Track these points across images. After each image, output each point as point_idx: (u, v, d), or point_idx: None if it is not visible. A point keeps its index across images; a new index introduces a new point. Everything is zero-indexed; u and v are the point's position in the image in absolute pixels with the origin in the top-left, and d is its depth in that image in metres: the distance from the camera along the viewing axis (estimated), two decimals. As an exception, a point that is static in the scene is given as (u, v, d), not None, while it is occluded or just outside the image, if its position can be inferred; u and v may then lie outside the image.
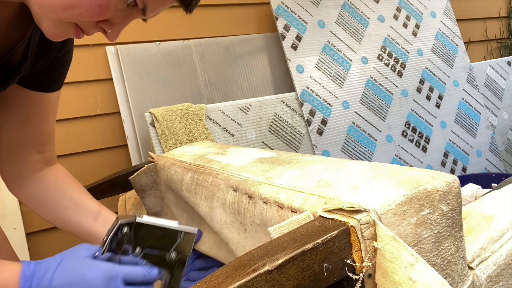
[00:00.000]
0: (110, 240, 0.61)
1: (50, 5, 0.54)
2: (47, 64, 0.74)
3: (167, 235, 0.63)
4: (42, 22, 0.57)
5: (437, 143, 2.09)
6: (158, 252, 0.63)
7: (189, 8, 0.61)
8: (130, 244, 0.62)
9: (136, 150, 1.62)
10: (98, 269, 0.57)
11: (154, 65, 1.68)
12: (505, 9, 2.74)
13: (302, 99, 1.80)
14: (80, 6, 0.53)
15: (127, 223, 0.61)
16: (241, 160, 0.82)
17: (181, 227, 0.63)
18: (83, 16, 0.55)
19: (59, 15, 0.55)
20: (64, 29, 0.57)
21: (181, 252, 0.63)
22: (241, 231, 0.68)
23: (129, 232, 0.61)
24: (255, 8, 1.95)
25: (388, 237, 0.45)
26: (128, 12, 0.58)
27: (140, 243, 0.62)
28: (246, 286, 0.40)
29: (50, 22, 0.56)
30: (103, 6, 0.54)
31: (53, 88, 0.79)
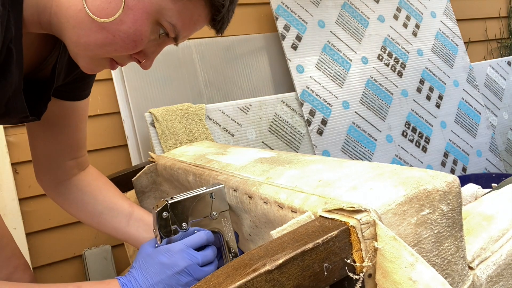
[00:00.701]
0: (159, 230, 0.67)
1: (86, 44, 0.55)
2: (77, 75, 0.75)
3: (201, 201, 0.69)
4: (79, 59, 0.58)
5: (437, 143, 2.09)
6: (202, 218, 0.70)
7: (221, 31, 0.63)
8: (175, 224, 0.68)
9: (136, 150, 1.62)
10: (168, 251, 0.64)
11: (154, 65, 1.68)
12: (505, 9, 2.74)
13: (302, 99, 1.80)
14: (115, 43, 0.55)
15: (162, 209, 0.67)
16: (241, 160, 0.82)
17: (208, 189, 0.70)
18: (118, 51, 0.56)
19: (94, 53, 0.56)
20: (100, 63, 0.59)
21: (219, 208, 0.71)
22: (254, 227, 0.69)
23: (168, 214, 0.67)
24: (255, 8, 1.95)
25: (388, 237, 0.45)
26: (160, 41, 0.60)
27: (183, 219, 0.68)
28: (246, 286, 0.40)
29: (86, 59, 0.58)
30: (137, 41, 0.55)
31: (82, 96, 0.80)
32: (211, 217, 0.70)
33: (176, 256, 0.64)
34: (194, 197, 0.69)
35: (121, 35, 0.54)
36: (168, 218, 0.67)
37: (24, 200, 1.49)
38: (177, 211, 0.68)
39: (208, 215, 0.70)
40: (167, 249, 0.65)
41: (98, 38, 0.54)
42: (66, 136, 0.82)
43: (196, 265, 0.64)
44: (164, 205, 0.67)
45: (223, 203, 0.71)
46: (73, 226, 1.56)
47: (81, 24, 0.54)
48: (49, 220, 1.52)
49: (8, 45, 0.52)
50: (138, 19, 0.54)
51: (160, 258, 0.64)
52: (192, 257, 0.64)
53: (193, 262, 0.64)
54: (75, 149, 0.85)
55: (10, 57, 0.53)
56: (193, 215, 0.69)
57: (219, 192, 0.71)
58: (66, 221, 1.54)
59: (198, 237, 0.67)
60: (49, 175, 0.86)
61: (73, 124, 0.82)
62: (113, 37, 0.54)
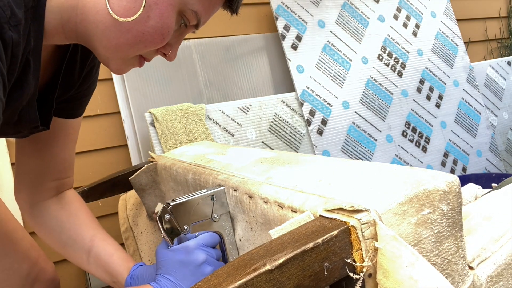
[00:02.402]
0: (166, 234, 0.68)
1: (117, 46, 0.56)
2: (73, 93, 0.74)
3: (202, 203, 0.70)
4: (110, 62, 0.60)
5: (437, 143, 2.09)
6: (203, 220, 0.70)
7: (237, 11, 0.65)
8: (177, 226, 0.69)
9: (136, 150, 1.62)
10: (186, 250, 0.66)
11: (154, 65, 1.68)
12: (505, 9, 2.74)
13: (302, 99, 1.80)
14: (144, 39, 0.56)
15: (163, 212, 0.68)
16: (241, 160, 0.82)
17: (210, 191, 0.71)
18: (148, 47, 0.58)
19: (125, 53, 0.58)
20: (130, 62, 0.61)
21: (220, 210, 0.71)
22: (248, 229, 0.69)
23: (170, 216, 0.68)
24: (255, 8, 1.95)
25: (389, 237, 0.45)
26: (181, 30, 0.61)
27: (185, 221, 0.69)
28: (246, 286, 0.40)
29: (118, 61, 0.59)
30: (165, 34, 0.57)
31: (76, 114, 0.79)
32: (213, 219, 0.71)
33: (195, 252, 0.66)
34: (196, 199, 0.70)
35: (150, 30, 0.56)
36: (172, 219, 0.68)
37: (24, 200, 1.49)
38: (178, 213, 0.68)
39: (209, 217, 0.71)
40: (183, 247, 0.67)
41: (129, 38, 0.56)
42: (52, 154, 0.80)
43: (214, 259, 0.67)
44: (165, 208, 0.68)
45: (224, 205, 0.72)
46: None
47: (110, 28, 0.55)
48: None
49: (27, 57, 0.53)
50: (164, 12, 0.55)
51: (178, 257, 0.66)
52: (209, 252, 0.67)
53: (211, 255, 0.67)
54: (60, 170, 0.83)
55: (28, 68, 0.54)
56: (194, 217, 0.69)
57: (220, 194, 0.71)
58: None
59: (210, 236, 0.69)
60: (27, 194, 0.83)
61: (61, 143, 0.80)
62: (142, 35, 0.56)
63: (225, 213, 0.72)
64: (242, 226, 0.70)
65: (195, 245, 0.67)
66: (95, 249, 0.82)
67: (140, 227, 1.14)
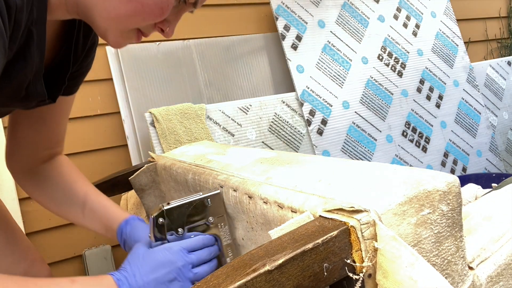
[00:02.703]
0: (154, 236, 0.68)
1: (116, 17, 0.57)
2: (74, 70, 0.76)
3: (197, 206, 0.70)
4: (109, 34, 0.60)
5: (437, 143, 2.09)
6: (198, 223, 0.70)
7: None
8: (171, 230, 0.68)
9: (136, 150, 1.62)
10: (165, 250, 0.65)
11: (154, 65, 1.68)
12: (505, 9, 2.74)
13: (302, 99, 1.80)
14: (143, 11, 0.57)
15: (158, 215, 0.67)
16: (241, 160, 0.82)
17: (205, 194, 0.70)
18: (147, 20, 0.59)
19: (124, 25, 0.59)
20: (128, 36, 0.62)
21: (216, 213, 0.71)
22: (249, 229, 0.69)
23: (164, 221, 0.67)
24: (255, 8, 1.95)
25: (388, 237, 0.45)
26: (180, 7, 0.62)
27: (179, 224, 0.68)
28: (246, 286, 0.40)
29: (116, 32, 0.60)
30: (164, 8, 0.58)
31: (72, 91, 0.81)
32: (208, 223, 0.71)
33: (173, 256, 0.65)
34: (190, 203, 0.69)
35: (150, 3, 0.57)
36: (164, 225, 0.68)
37: (24, 200, 1.49)
38: (173, 217, 0.68)
39: (204, 220, 0.70)
40: (164, 248, 0.66)
41: (128, 8, 0.57)
42: (47, 127, 0.83)
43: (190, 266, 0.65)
44: (161, 211, 0.68)
45: (220, 208, 0.71)
46: (73, 226, 1.56)
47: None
48: (49, 220, 1.52)
49: (30, 28, 0.53)
50: None
51: (157, 256, 0.65)
52: (187, 257, 0.65)
53: (187, 262, 0.65)
54: (53, 142, 0.85)
55: (31, 39, 0.55)
56: (189, 221, 0.69)
57: (215, 197, 0.71)
58: (66, 221, 1.54)
59: (196, 241, 0.68)
60: (20, 161, 0.86)
61: (57, 118, 0.83)
62: (142, 6, 0.57)
63: (221, 216, 0.72)
64: (243, 226, 0.70)
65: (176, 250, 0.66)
66: (90, 203, 0.84)
67: (140, 227, 1.14)
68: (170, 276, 0.63)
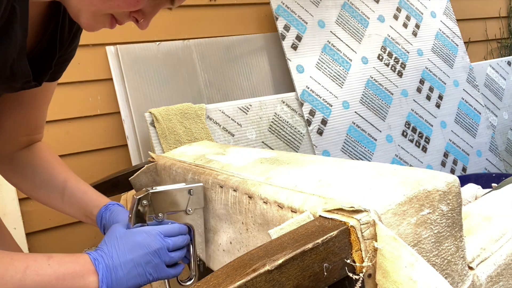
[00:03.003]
0: (134, 216, 0.71)
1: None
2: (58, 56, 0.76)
3: (180, 195, 0.74)
4: (81, 15, 0.60)
5: (437, 143, 2.09)
6: (178, 212, 0.75)
7: None
8: (152, 213, 0.72)
9: (136, 150, 1.62)
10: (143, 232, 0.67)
11: (154, 65, 1.68)
12: (505, 9, 2.74)
13: (302, 99, 1.80)
14: None
15: (143, 197, 0.71)
16: (241, 160, 0.82)
17: (188, 186, 0.75)
18: (121, 7, 0.58)
19: (98, 7, 0.58)
20: (101, 20, 0.61)
21: (195, 205, 0.76)
22: (243, 231, 0.68)
23: (148, 203, 0.71)
24: (255, 8, 1.95)
25: (388, 237, 0.45)
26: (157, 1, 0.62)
27: (161, 209, 0.73)
28: (246, 286, 0.40)
29: (88, 14, 0.59)
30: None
31: (54, 78, 0.81)
32: (186, 212, 0.75)
33: (151, 238, 0.66)
34: (174, 190, 0.74)
35: None
36: (146, 207, 0.71)
37: (24, 200, 1.49)
38: (156, 201, 0.72)
39: (184, 210, 0.75)
40: (142, 231, 0.68)
41: None
42: (27, 113, 0.82)
43: (166, 250, 0.67)
44: (146, 193, 0.71)
45: (199, 200, 0.76)
46: (73, 226, 1.56)
47: None
48: (49, 220, 1.52)
49: (12, 4, 0.53)
50: None
51: (135, 237, 0.66)
52: (164, 241, 0.67)
53: (164, 246, 0.67)
54: (32, 128, 0.85)
55: (14, 16, 0.54)
56: (170, 208, 0.74)
57: (197, 189, 0.76)
58: (66, 221, 1.54)
59: (172, 227, 0.71)
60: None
61: (37, 104, 0.82)
62: None
63: (199, 208, 0.77)
64: (237, 228, 0.70)
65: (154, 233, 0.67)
66: (69, 188, 0.84)
67: (140, 227, 1.14)
68: (147, 258, 0.65)
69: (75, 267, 0.59)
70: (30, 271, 0.55)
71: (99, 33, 0.64)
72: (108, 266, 0.61)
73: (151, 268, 0.65)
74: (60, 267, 0.58)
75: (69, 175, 0.86)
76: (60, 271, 0.57)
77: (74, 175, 0.87)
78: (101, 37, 1.59)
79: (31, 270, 0.55)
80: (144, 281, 0.65)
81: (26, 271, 0.55)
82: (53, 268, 0.57)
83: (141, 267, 0.64)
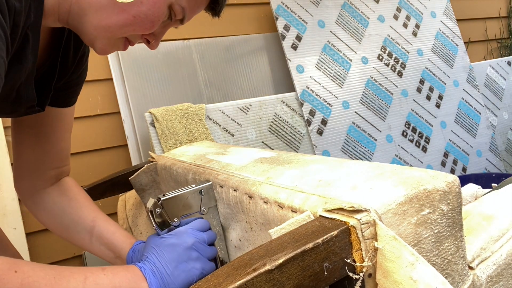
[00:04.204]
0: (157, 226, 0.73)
1: (107, 26, 0.60)
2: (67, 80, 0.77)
3: (191, 197, 0.76)
4: (96, 41, 0.62)
5: (437, 143, 2.09)
6: (192, 213, 0.76)
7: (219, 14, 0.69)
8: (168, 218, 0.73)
9: (136, 150, 1.62)
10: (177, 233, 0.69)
11: (154, 65, 1.68)
12: (505, 9, 2.74)
13: (302, 99, 1.80)
14: (134, 23, 0.60)
15: (154, 207, 0.73)
16: (241, 160, 0.82)
17: (198, 186, 0.76)
18: (136, 31, 0.61)
19: (113, 34, 0.61)
20: (115, 44, 0.64)
21: (208, 204, 0.77)
22: (248, 230, 0.69)
23: (161, 210, 0.73)
24: (255, 8, 1.95)
25: (389, 237, 0.45)
26: (166, 23, 0.65)
27: (175, 214, 0.74)
28: (246, 286, 0.40)
29: (104, 40, 0.62)
30: (154, 22, 0.61)
31: (70, 103, 0.82)
32: (201, 212, 0.76)
33: (184, 236, 0.68)
34: (185, 194, 0.75)
35: (141, 16, 0.59)
36: (162, 213, 0.72)
37: (24, 200, 1.49)
38: (168, 207, 0.73)
39: (198, 211, 0.76)
40: (174, 233, 0.70)
41: (120, 19, 0.59)
42: (50, 144, 0.82)
43: (203, 243, 0.69)
44: (156, 202, 0.73)
45: (211, 199, 0.77)
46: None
47: (104, 7, 0.58)
48: (49, 220, 1.52)
49: (26, 31, 0.55)
50: (157, 1, 0.59)
51: (169, 240, 0.68)
52: (198, 235, 0.69)
53: (199, 239, 0.69)
54: (59, 159, 0.85)
55: (27, 42, 0.56)
56: (184, 211, 0.75)
57: (207, 188, 0.77)
58: (66, 221, 1.54)
59: (200, 222, 0.73)
60: (28, 183, 0.85)
61: (58, 133, 0.83)
62: (133, 18, 0.59)
63: (213, 207, 0.77)
64: (242, 226, 0.70)
65: (185, 229, 0.70)
66: (97, 228, 0.84)
67: (139, 227, 1.14)
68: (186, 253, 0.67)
69: (127, 275, 0.61)
70: (89, 281, 0.57)
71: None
72: (153, 270, 0.64)
73: (194, 262, 0.67)
74: (114, 276, 0.60)
75: (97, 214, 0.86)
76: (115, 280, 0.60)
77: (103, 214, 0.87)
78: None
79: (90, 280, 0.57)
80: (193, 275, 0.66)
81: (86, 281, 0.57)
82: (108, 278, 0.59)
83: (184, 264, 0.66)
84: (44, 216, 0.87)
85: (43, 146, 0.82)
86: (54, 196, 0.86)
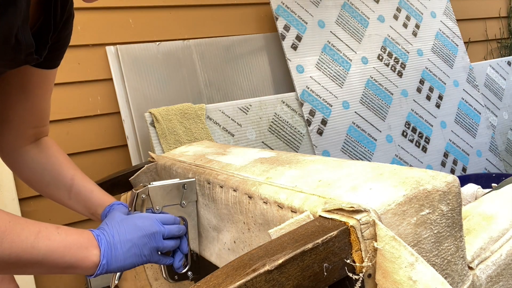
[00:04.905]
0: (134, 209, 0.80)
1: None
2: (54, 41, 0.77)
3: (175, 189, 0.83)
4: None
5: (437, 143, 2.09)
6: (173, 205, 0.83)
7: None
8: (149, 206, 0.81)
9: (136, 150, 1.62)
10: (143, 217, 0.73)
11: (154, 65, 1.68)
12: (505, 9, 2.74)
13: (302, 99, 1.80)
14: None
15: (142, 191, 0.80)
16: (241, 160, 0.82)
17: (182, 181, 0.84)
18: None
19: None
20: None
21: (189, 198, 0.84)
22: (245, 230, 0.69)
23: (145, 197, 0.80)
24: (255, 8, 1.95)
25: (388, 237, 0.45)
26: None
27: (158, 202, 0.82)
28: (246, 286, 0.40)
29: None
30: None
31: (54, 65, 0.83)
32: (181, 205, 0.84)
33: (149, 222, 0.72)
34: (170, 185, 0.82)
35: None
36: (145, 200, 0.80)
37: (24, 200, 1.49)
38: (153, 195, 0.81)
39: (178, 203, 0.83)
40: (141, 216, 0.74)
41: None
42: (31, 104, 0.84)
43: (161, 235, 0.73)
44: (145, 188, 0.80)
45: (193, 194, 0.84)
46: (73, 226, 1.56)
47: None
48: (49, 220, 1.52)
49: None
50: None
51: (135, 220, 0.72)
52: (160, 227, 0.73)
53: (160, 231, 0.73)
54: (39, 118, 0.87)
55: None
56: (166, 201, 0.82)
57: (191, 184, 0.84)
58: (66, 221, 1.54)
59: (168, 217, 0.77)
60: (7, 140, 0.87)
61: (40, 93, 0.85)
62: None
63: (193, 202, 0.85)
64: (238, 227, 0.70)
65: (152, 219, 0.73)
66: (76, 186, 0.88)
67: (140, 227, 1.14)
68: (144, 240, 0.70)
69: (80, 239, 0.64)
70: (42, 235, 0.59)
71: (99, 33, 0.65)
72: (109, 243, 0.67)
73: (146, 250, 0.70)
74: (67, 236, 0.63)
75: (76, 172, 0.90)
76: (68, 240, 0.62)
77: (81, 173, 0.90)
78: (101, 37, 1.59)
79: (43, 234, 0.60)
80: (139, 261, 0.70)
81: (38, 235, 0.59)
82: (61, 236, 0.62)
83: (138, 248, 0.69)
84: (25, 174, 0.89)
85: (25, 104, 0.84)
86: (33, 153, 0.88)
